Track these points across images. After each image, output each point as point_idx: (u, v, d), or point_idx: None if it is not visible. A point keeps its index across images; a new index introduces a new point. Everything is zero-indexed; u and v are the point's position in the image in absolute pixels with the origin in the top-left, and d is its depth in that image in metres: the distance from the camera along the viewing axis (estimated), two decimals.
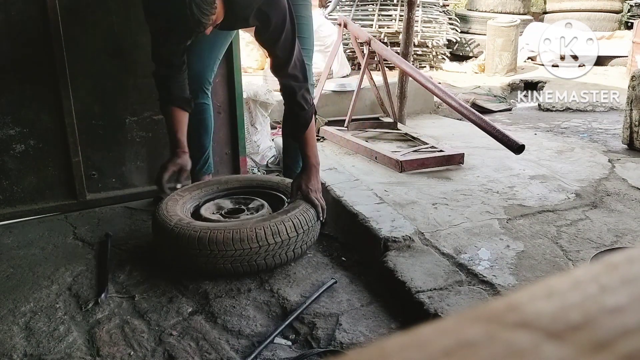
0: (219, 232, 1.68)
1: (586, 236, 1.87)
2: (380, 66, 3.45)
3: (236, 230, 1.69)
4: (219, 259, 1.68)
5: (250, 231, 1.69)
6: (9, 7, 2.05)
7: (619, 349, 0.19)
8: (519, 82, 5.63)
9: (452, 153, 2.70)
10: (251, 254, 1.69)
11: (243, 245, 1.68)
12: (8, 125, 2.16)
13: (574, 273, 0.24)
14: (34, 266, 1.86)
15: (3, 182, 2.21)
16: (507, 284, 1.56)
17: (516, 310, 0.22)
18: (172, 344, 1.44)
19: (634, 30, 5.76)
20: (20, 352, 1.42)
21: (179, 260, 1.76)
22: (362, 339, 1.45)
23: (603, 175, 2.54)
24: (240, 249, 1.68)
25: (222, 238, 1.67)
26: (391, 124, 3.42)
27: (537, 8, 9.33)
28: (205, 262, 1.70)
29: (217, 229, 1.70)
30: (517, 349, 0.19)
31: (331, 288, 1.69)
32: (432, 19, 6.47)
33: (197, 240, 1.68)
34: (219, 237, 1.67)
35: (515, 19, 6.47)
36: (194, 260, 1.71)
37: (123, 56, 2.28)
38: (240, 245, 1.67)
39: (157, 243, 1.86)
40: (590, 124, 4.00)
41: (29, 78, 2.15)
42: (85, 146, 2.29)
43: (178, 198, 1.95)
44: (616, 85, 4.88)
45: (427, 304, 1.47)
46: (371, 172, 2.56)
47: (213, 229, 1.70)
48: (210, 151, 2.33)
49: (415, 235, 1.84)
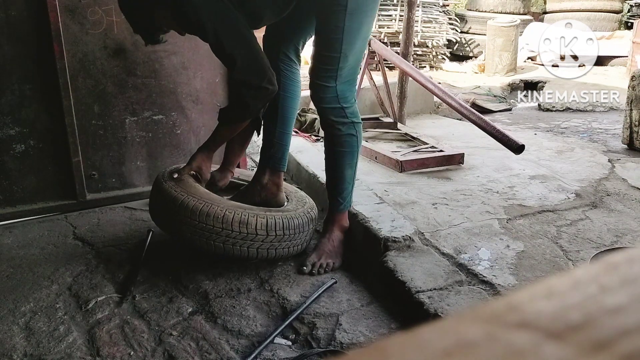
0: (219, 208, 1.68)
1: (586, 236, 1.87)
2: (380, 66, 3.45)
3: (232, 210, 1.69)
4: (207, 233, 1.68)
5: (251, 217, 1.70)
6: (9, 7, 2.06)
7: (619, 349, 0.19)
8: (519, 82, 5.63)
9: (452, 153, 2.70)
10: (246, 239, 1.69)
11: (241, 228, 1.68)
12: (8, 125, 2.16)
13: (574, 273, 0.24)
14: (34, 266, 1.86)
15: (3, 182, 2.21)
16: (507, 284, 1.55)
17: (516, 310, 0.22)
18: (172, 344, 1.44)
19: (634, 30, 5.77)
20: (20, 352, 1.42)
21: (172, 226, 1.75)
22: (362, 339, 1.45)
23: (603, 175, 2.54)
24: (237, 231, 1.68)
25: (215, 214, 1.67)
26: (391, 124, 3.42)
27: (537, 8, 9.34)
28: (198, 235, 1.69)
29: (215, 203, 1.70)
30: (517, 349, 0.19)
31: (331, 288, 1.69)
32: (432, 19, 6.47)
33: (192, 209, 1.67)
34: (218, 213, 1.67)
35: (515, 19, 6.47)
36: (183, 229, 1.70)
37: (123, 56, 2.29)
38: (239, 228, 1.67)
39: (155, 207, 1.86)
40: (590, 124, 4.00)
41: (29, 78, 2.15)
42: (85, 146, 2.30)
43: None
44: (616, 85, 4.89)
45: (427, 304, 1.47)
46: (371, 172, 2.56)
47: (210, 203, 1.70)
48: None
49: (415, 235, 1.84)
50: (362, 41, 1.79)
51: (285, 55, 1.94)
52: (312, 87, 1.80)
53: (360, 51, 1.81)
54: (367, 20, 1.76)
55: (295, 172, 2.73)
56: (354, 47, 1.75)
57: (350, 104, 1.82)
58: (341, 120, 1.81)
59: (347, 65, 1.76)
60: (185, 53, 2.38)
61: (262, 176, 1.99)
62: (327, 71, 1.76)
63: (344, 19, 1.68)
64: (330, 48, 1.73)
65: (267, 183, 1.99)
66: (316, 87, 1.79)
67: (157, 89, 2.36)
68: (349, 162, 1.86)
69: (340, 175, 1.87)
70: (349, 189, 1.90)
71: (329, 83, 1.77)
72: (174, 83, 2.40)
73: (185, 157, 2.50)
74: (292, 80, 1.96)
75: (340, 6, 1.67)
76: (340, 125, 1.82)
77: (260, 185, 1.99)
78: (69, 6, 2.15)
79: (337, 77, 1.76)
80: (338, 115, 1.80)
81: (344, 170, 1.87)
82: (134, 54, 2.30)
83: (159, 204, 1.80)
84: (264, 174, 2.00)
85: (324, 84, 1.77)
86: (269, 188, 1.99)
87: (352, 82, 1.83)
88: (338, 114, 1.80)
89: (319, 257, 1.82)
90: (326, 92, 1.78)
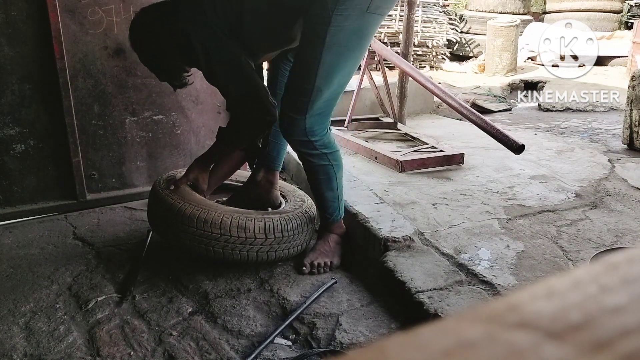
0: (217, 213, 1.68)
1: (586, 236, 1.87)
2: (380, 66, 3.45)
3: (230, 216, 1.68)
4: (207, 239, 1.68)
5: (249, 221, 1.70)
6: (9, 7, 2.06)
7: (619, 349, 0.19)
8: (519, 82, 5.63)
9: (452, 153, 2.70)
10: (245, 243, 1.69)
11: (240, 233, 1.68)
12: (8, 125, 2.16)
13: (574, 273, 0.24)
14: (34, 266, 1.86)
15: (3, 182, 2.21)
16: (507, 284, 1.55)
17: (516, 310, 0.22)
18: (172, 344, 1.44)
19: (634, 30, 5.77)
20: (20, 352, 1.42)
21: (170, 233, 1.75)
22: (362, 339, 1.45)
23: (603, 175, 2.54)
24: (235, 235, 1.67)
25: (213, 219, 1.67)
26: (391, 124, 3.42)
27: (537, 8, 9.34)
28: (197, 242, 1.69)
29: (211, 209, 1.70)
30: (517, 349, 0.19)
31: (331, 288, 1.69)
32: (432, 19, 6.47)
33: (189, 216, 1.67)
34: (215, 219, 1.67)
35: (515, 19, 6.47)
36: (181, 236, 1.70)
37: (123, 56, 2.29)
38: (237, 233, 1.67)
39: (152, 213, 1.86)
40: (590, 124, 4.00)
41: (29, 78, 2.15)
42: (85, 146, 2.30)
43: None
44: (616, 85, 4.89)
45: (427, 304, 1.47)
46: (371, 172, 2.56)
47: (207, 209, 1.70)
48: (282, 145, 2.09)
49: (415, 235, 1.84)
50: (344, 77, 1.67)
51: (286, 57, 1.94)
52: (281, 117, 1.71)
53: (340, 85, 1.68)
54: (351, 56, 1.63)
55: (295, 172, 2.73)
56: (331, 82, 1.63)
57: (319, 137, 1.72)
58: (311, 152, 1.74)
59: (321, 99, 1.65)
60: None
61: (257, 174, 2.01)
62: (297, 102, 1.65)
63: (321, 52, 1.57)
64: (303, 79, 1.63)
65: (261, 180, 2.00)
66: (284, 118, 1.70)
67: (157, 89, 2.36)
68: (328, 187, 1.81)
69: (322, 197, 1.85)
70: (334, 205, 1.86)
71: (297, 115, 1.66)
72: None
73: (185, 157, 2.50)
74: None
75: (318, 38, 1.57)
76: (310, 157, 1.75)
77: (254, 183, 2.00)
78: (69, 6, 2.15)
79: (307, 110, 1.65)
80: (307, 147, 1.73)
81: (324, 193, 1.83)
82: (134, 54, 2.29)
83: (156, 213, 1.81)
84: (259, 172, 2.01)
85: (292, 116, 1.67)
86: (263, 185, 2.00)
87: (325, 115, 1.72)
88: (306, 147, 1.73)
89: (316, 257, 1.82)
90: (293, 124, 1.68)
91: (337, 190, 1.83)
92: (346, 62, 1.63)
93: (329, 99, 1.68)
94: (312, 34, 1.60)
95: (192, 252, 1.72)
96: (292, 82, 1.68)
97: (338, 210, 1.88)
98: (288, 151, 2.16)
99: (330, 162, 1.77)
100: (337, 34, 1.56)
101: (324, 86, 1.62)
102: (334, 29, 1.55)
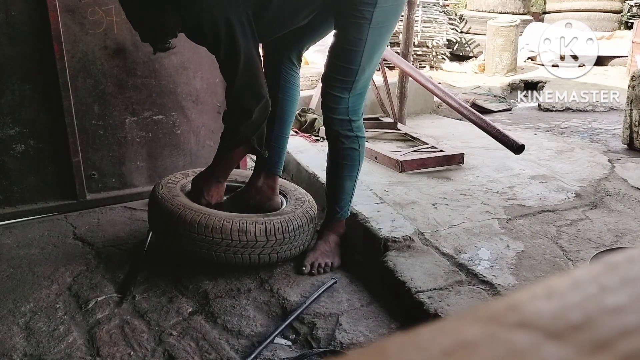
0: (217, 218, 1.68)
1: (586, 236, 1.87)
2: (380, 66, 3.45)
3: (230, 220, 1.69)
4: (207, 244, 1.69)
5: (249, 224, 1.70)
6: (9, 7, 2.06)
7: (619, 349, 0.19)
8: (519, 82, 5.63)
9: (452, 153, 2.71)
10: (247, 247, 1.70)
11: (241, 237, 1.68)
12: (8, 125, 2.16)
13: (574, 273, 0.24)
14: (34, 266, 1.86)
15: (3, 182, 2.21)
16: (507, 284, 1.55)
17: (516, 310, 0.22)
18: (172, 344, 1.44)
19: (634, 30, 5.77)
20: (20, 352, 1.42)
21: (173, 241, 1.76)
22: (362, 339, 1.45)
23: (603, 175, 2.54)
24: (237, 239, 1.68)
25: (214, 224, 1.67)
26: (391, 124, 3.42)
27: (537, 8, 9.34)
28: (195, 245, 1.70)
29: (212, 215, 1.71)
30: (517, 349, 0.19)
31: (331, 288, 1.69)
32: (432, 19, 6.47)
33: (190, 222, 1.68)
34: (216, 224, 1.67)
35: (515, 19, 6.47)
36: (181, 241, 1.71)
37: (123, 56, 2.29)
38: (238, 237, 1.68)
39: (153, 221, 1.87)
40: (590, 124, 4.00)
41: (29, 78, 2.15)
42: (85, 146, 2.30)
43: (176, 180, 1.95)
44: (616, 85, 4.89)
45: (427, 304, 1.47)
46: (371, 172, 2.56)
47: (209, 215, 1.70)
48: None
49: (415, 235, 1.84)
50: (379, 56, 1.77)
51: (289, 59, 1.92)
52: (324, 96, 1.77)
53: (376, 64, 1.79)
54: (388, 34, 1.74)
55: (295, 172, 2.73)
56: (373, 60, 1.73)
57: (358, 117, 1.80)
58: (346, 134, 1.79)
59: (363, 77, 1.73)
60: (186, 53, 2.38)
61: (257, 179, 1.96)
62: (343, 82, 1.72)
63: (367, 32, 1.64)
64: (349, 60, 1.69)
65: (261, 186, 1.96)
66: (329, 97, 1.76)
67: (157, 89, 2.36)
68: (349, 175, 1.85)
69: (340, 186, 1.87)
70: (347, 199, 1.89)
71: (342, 94, 1.73)
72: (174, 83, 2.40)
73: (185, 157, 2.50)
74: (292, 84, 1.95)
75: (364, 19, 1.64)
76: (344, 139, 1.80)
77: (255, 189, 1.96)
78: (69, 6, 2.15)
79: (351, 89, 1.73)
80: (345, 127, 1.79)
81: (343, 182, 1.86)
82: (134, 54, 2.29)
83: (157, 219, 1.81)
84: (259, 177, 1.97)
85: (337, 95, 1.74)
86: (264, 191, 1.96)
87: (363, 94, 1.80)
88: (345, 127, 1.78)
89: (317, 257, 1.82)
90: (338, 103, 1.75)
91: (355, 182, 1.89)
92: (385, 41, 1.75)
93: (368, 78, 1.78)
94: (355, 15, 1.65)
95: (194, 257, 1.73)
96: (335, 64, 1.73)
97: (348, 206, 1.92)
98: (288, 151, 2.16)
99: (359, 148, 1.83)
100: (381, 14, 1.64)
101: (367, 65, 1.71)
102: (380, 10, 1.63)
